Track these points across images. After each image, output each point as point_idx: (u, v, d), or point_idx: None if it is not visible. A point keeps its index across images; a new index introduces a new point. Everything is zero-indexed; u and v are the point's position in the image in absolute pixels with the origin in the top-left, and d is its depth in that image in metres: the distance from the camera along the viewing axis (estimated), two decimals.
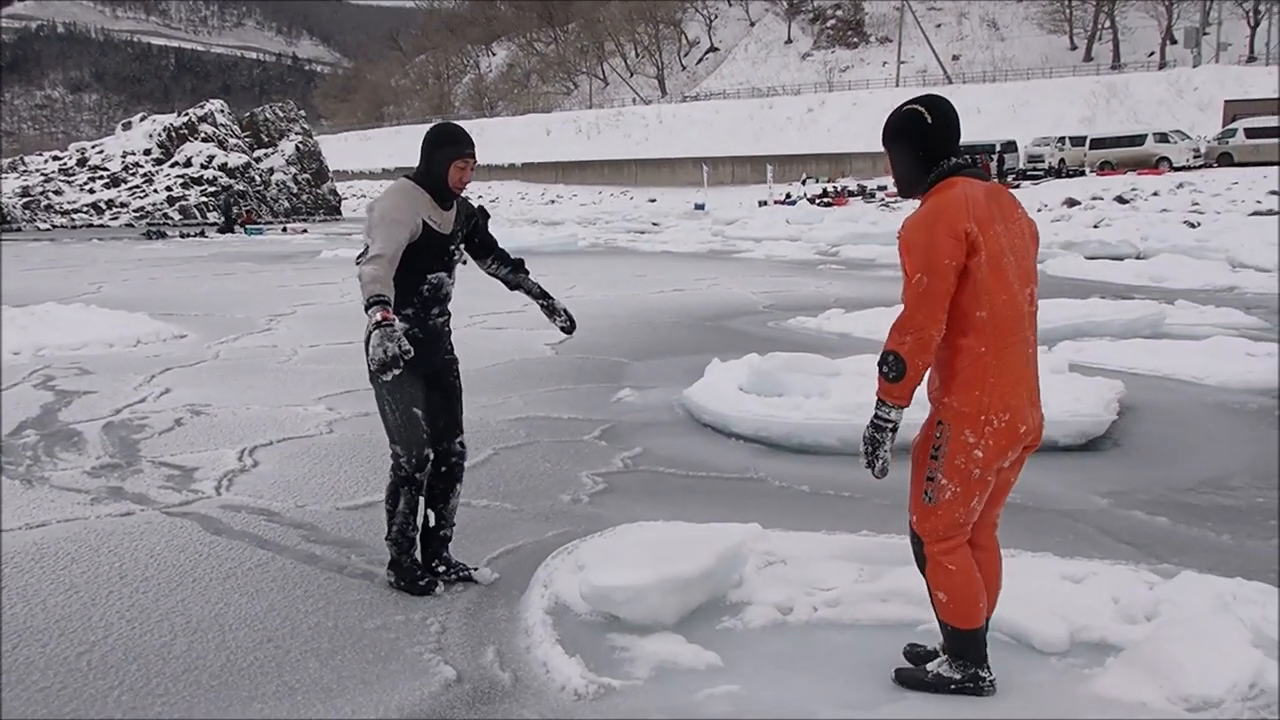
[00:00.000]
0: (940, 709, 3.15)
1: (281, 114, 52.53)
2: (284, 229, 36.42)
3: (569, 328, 4.33)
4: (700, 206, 45.72)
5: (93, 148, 47.79)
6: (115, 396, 7.93)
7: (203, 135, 46.78)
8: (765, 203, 44.57)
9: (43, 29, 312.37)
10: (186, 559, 4.47)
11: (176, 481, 5.67)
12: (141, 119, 49.98)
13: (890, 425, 3.05)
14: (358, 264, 3.76)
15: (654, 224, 35.21)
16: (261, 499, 5.35)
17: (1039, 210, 29.65)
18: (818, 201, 41.85)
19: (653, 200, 56.94)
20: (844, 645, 3.64)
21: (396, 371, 3.55)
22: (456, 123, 4.13)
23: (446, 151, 3.99)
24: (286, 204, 46.83)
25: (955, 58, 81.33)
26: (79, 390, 8.17)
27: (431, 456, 4.08)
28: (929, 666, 3.31)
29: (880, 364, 3.01)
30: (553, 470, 5.90)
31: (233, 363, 9.50)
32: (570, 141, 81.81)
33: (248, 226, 37.50)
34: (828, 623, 3.79)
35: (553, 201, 62.72)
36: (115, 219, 42.63)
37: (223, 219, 37.17)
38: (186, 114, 48.25)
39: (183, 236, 33.56)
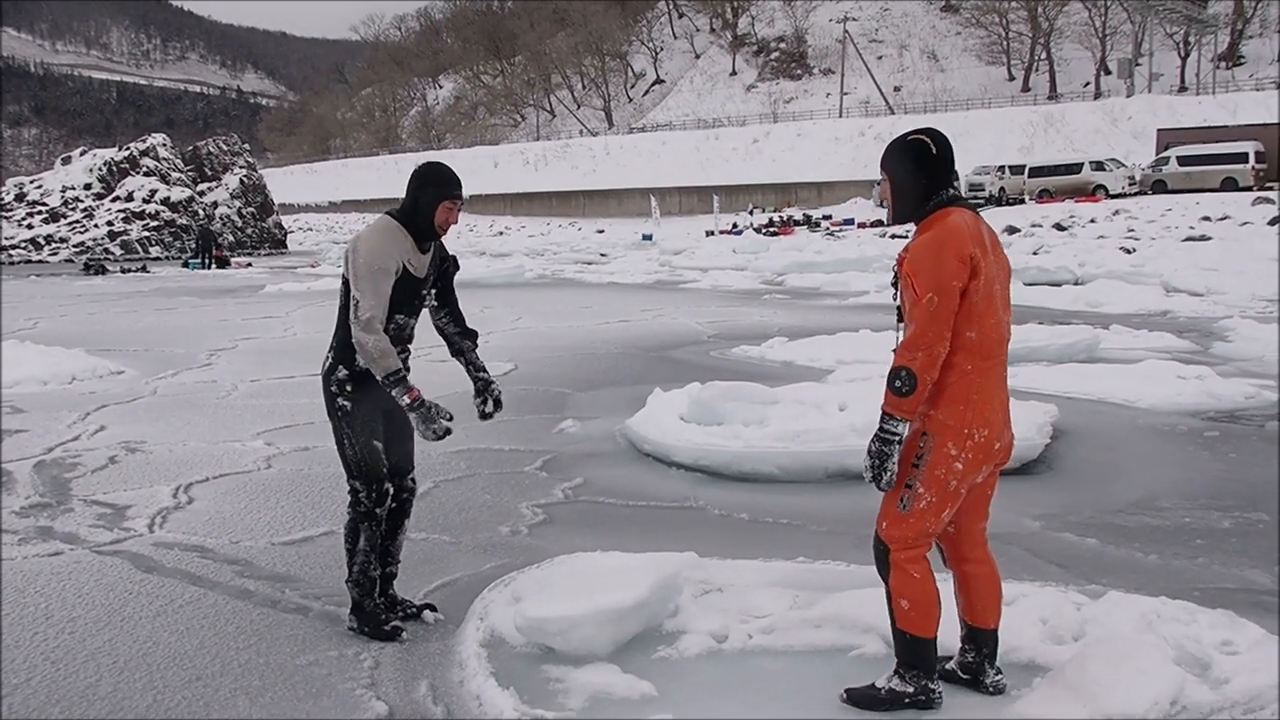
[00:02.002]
0: None
1: (226, 147, 52.05)
2: (229, 264, 35.73)
3: (488, 414, 4.15)
4: (648, 237, 45.96)
5: (31, 183, 47.01)
6: (47, 435, 7.78)
7: (145, 169, 46.21)
8: (712, 233, 44.91)
9: None
10: (115, 598, 4.40)
11: (108, 520, 5.58)
12: (82, 153, 49.27)
13: (897, 439, 3.15)
14: (355, 319, 3.79)
15: (602, 255, 35.33)
16: (195, 536, 5.28)
17: None
18: (764, 231, 42.24)
19: (600, 231, 57.13)
20: (778, 672, 3.66)
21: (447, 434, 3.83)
22: (443, 163, 4.07)
23: (435, 192, 3.89)
24: (231, 238, 46.32)
25: (897, 89, 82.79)
26: (10, 429, 8.01)
27: (390, 491, 4.04)
28: (878, 683, 3.34)
29: (892, 379, 3.11)
30: (492, 502, 5.88)
31: (170, 399, 9.37)
32: (518, 173, 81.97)
33: (194, 261, 36.93)
34: (762, 650, 3.81)
35: (501, 233, 62.71)
36: (55, 254, 41.93)
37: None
38: (128, 148, 47.65)
39: (124, 272, 33.06)
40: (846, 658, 3.72)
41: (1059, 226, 32.21)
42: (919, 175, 3.25)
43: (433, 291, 4.14)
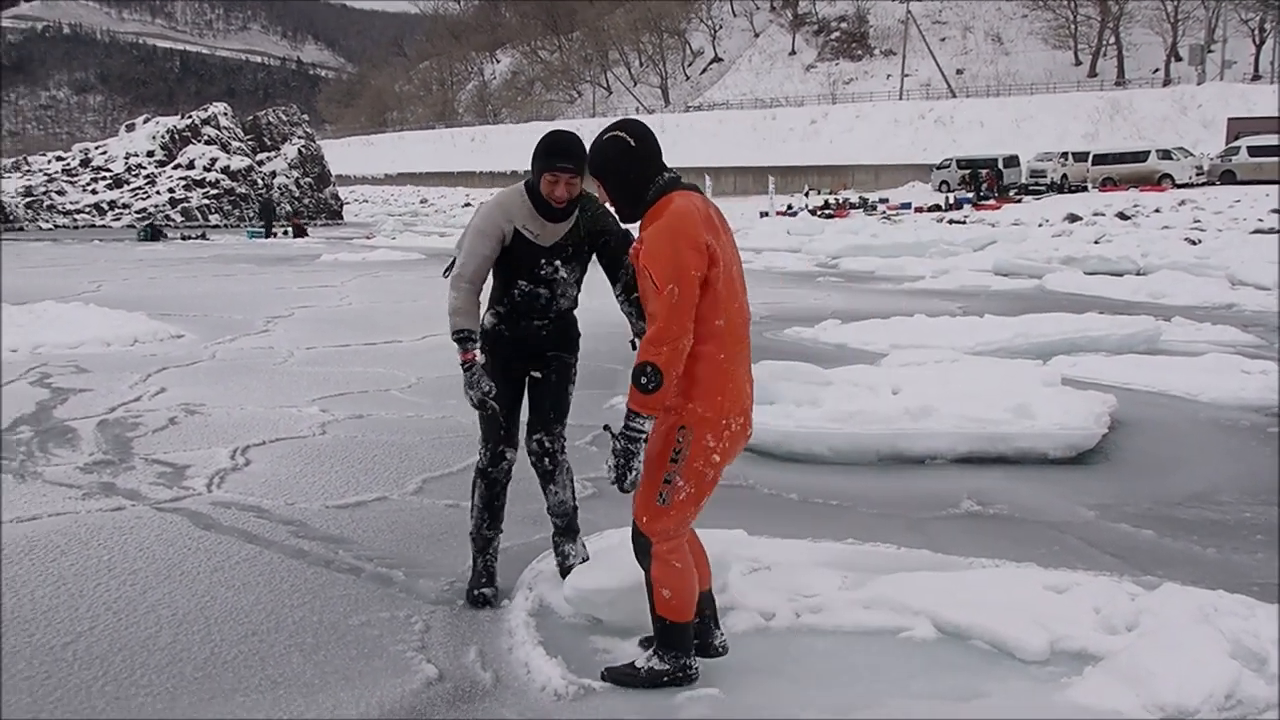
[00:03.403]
0: (916, 712, 3.17)
1: (285, 118, 52.65)
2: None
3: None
4: None
5: (96, 149, 47.91)
6: (111, 395, 7.95)
7: (206, 138, 46.90)
8: (767, 214, 44.63)
9: (48, 30, 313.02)
10: (175, 553, 4.49)
11: (168, 478, 5.69)
12: (145, 121, 50.14)
13: (643, 437, 3.10)
14: (445, 275, 3.86)
15: None
16: (252, 496, 5.38)
17: (1040, 226, 29.68)
18: (819, 213, 41.90)
19: None
20: (825, 651, 3.65)
21: (493, 407, 3.89)
22: (562, 131, 3.86)
23: (539, 164, 3.78)
24: (288, 207, 46.86)
25: (959, 71, 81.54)
26: (75, 388, 8.19)
27: (507, 454, 4.05)
28: (637, 663, 3.36)
29: (637, 376, 3.04)
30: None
31: (229, 363, 9.52)
32: None
33: (253, 230, 37.40)
34: (810, 629, 3.81)
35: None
36: (118, 219, 42.73)
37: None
38: (190, 116, 48.39)
39: (183, 238, 33.58)
40: (895, 639, 3.71)
41: (1122, 215, 31.59)
42: (628, 170, 3.22)
43: (572, 266, 3.94)
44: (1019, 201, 40.28)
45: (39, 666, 3.41)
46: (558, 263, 3.91)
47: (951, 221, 32.83)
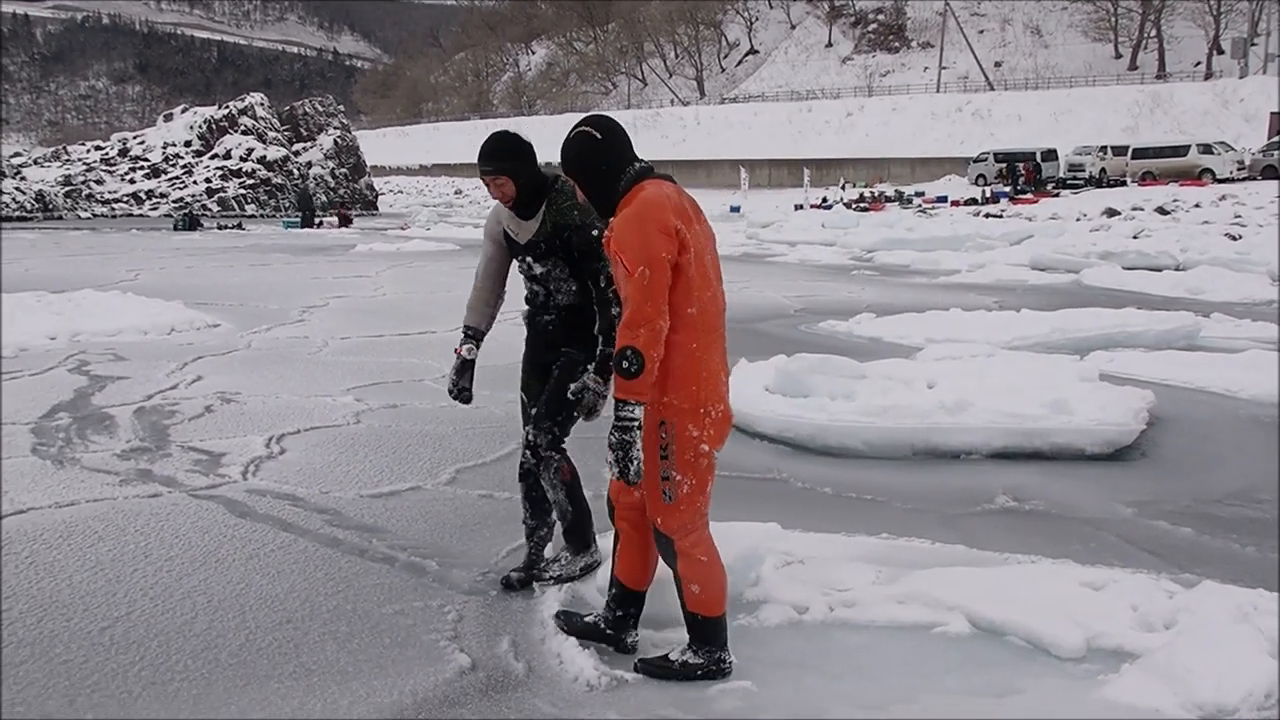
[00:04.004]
0: (950, 708, 3.14)
1: (321, 108, 52.97)
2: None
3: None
4: (735, 209, 45.66)
5: (134, 138, 48.44)
6: (148, 382, 8.03)
7: (243, 128, 47.27)
8: (801, 206, 44.44)
9: (88, 20, 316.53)
10: (210, 540, 4.53)
11: (204, 466, 5.74)
12: (183, 111, 50.61)
13: (636, 424, 3.07)
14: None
15: None
16: (287, 485, 5.41)
17: (1078, 220, 29.37)
18: (854, 206, 41.68)
19: None
20: (859, 646, 3.63)
21: (462, 404, 4.12)
22: (495, 134, 3.86)
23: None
24: (324, 198, 47.18)
25: (997, 64, 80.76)
26: (112, 375, 8.29)
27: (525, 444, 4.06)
28: (672, 656, 3.35)
29: (619, 362, 3.01)
30: (576, 465, 5.90)
31: (264, 352, 9.60)
32: None
33: (288, 220, 37.69)
34: (843, 623, 3.79)
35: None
36: (155, 209, 43.16)
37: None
38: (227, 107, 48.78)
39: (220, 228, 33.87)
40: (929, 634, 3.68)
41: (1161, 210, 31.19)
42: (598, 164, 3.24)
43: (549, 261, 3.89)
44: (1057, 195, 39.88)
45: (76, 651, 3.45)
46: (529, 259, 3.95)
47: (988, 215, 32.56)
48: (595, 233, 3.73)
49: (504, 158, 3.76)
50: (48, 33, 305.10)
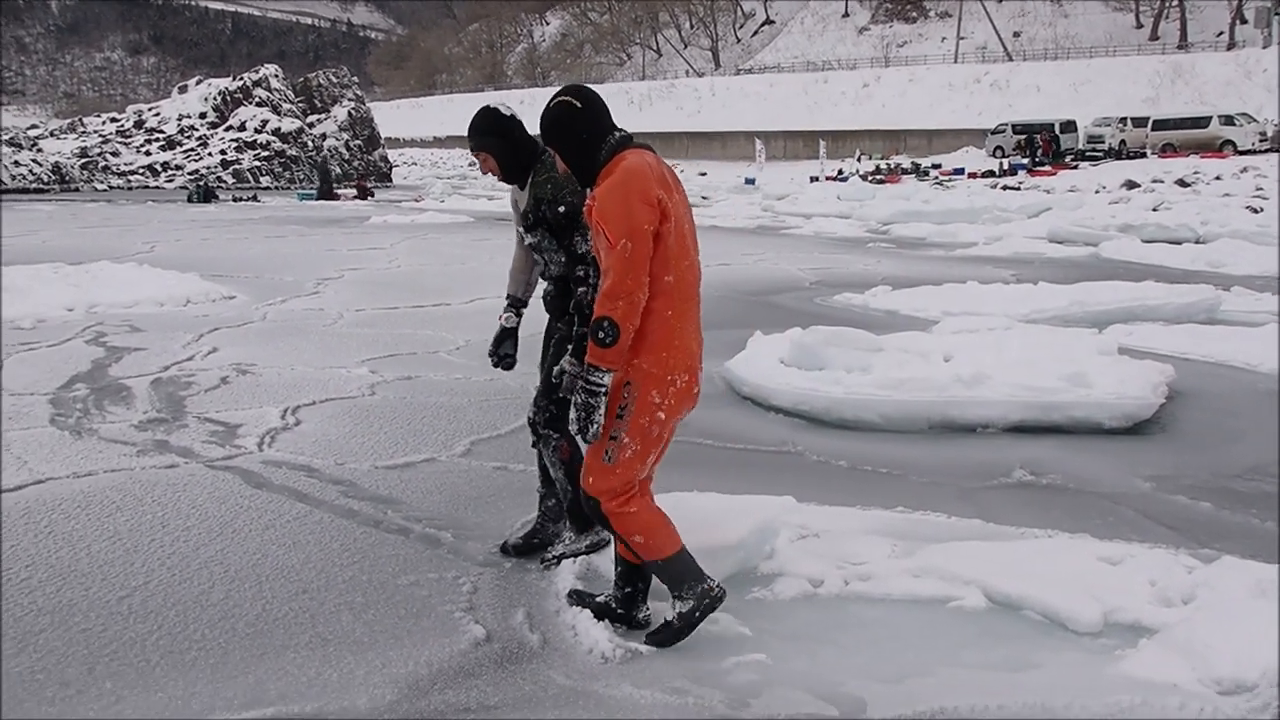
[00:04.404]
0: (966, 681, 3.13)
1: (335, 80, 52.90)
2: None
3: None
4: (750, 181, 45.45)
5: (149, 110, 48.47)
6: (164, 354, 8.06)
7: (257, 100, 47.24)
8: (817, 178, 44.21)
9: None
10: (227, 510, 4.55)
11: (220, 437, 5.76)
12: (197, 83, 50.57)
13: (603, 389, 3.12)
14: None
15: (704, 198, 35.02)
16: (302, 456, 5.43)
17: (1097, 192, 29.12)
18: (870, 178, 41.42)
19: (703, 174, 56.65)
20: (874, 619, 3.62)
21: (504, 370, 4.14)
22: (482, 108, 3.90)
23: None
24: (338, 170, 47.16)
25: (1016, 34, 79.92)
26: (129, 347, 8.31)
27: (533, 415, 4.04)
28: (668, 617, 3.35)
29: (595, 330, 3.07)
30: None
31: (279, 324, 9.61)
32: (622, 113, 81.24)
33: (302, 192, 37.67)
34: (858, 596, 3.78)
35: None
36: (170, 181, 43.22)
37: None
38: (242, 78, 48.74)
39: (235, 200, 33.89)
40: (945, 608, 3.67)
41: (1182, 183, 30.88)
42: (578, 133, 3.25)
43: (536, 233, 3.91)
44: (1075, 168, 39.53)
45: (95, 620, 3.47)
46: (521, 229, 4.00)
47: (1006, 188, 32.29)
48: (562, 209, 3.77)
49: (484, 133, 3.82)
50: (63, 5, 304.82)
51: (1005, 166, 42.00)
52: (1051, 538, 4.35)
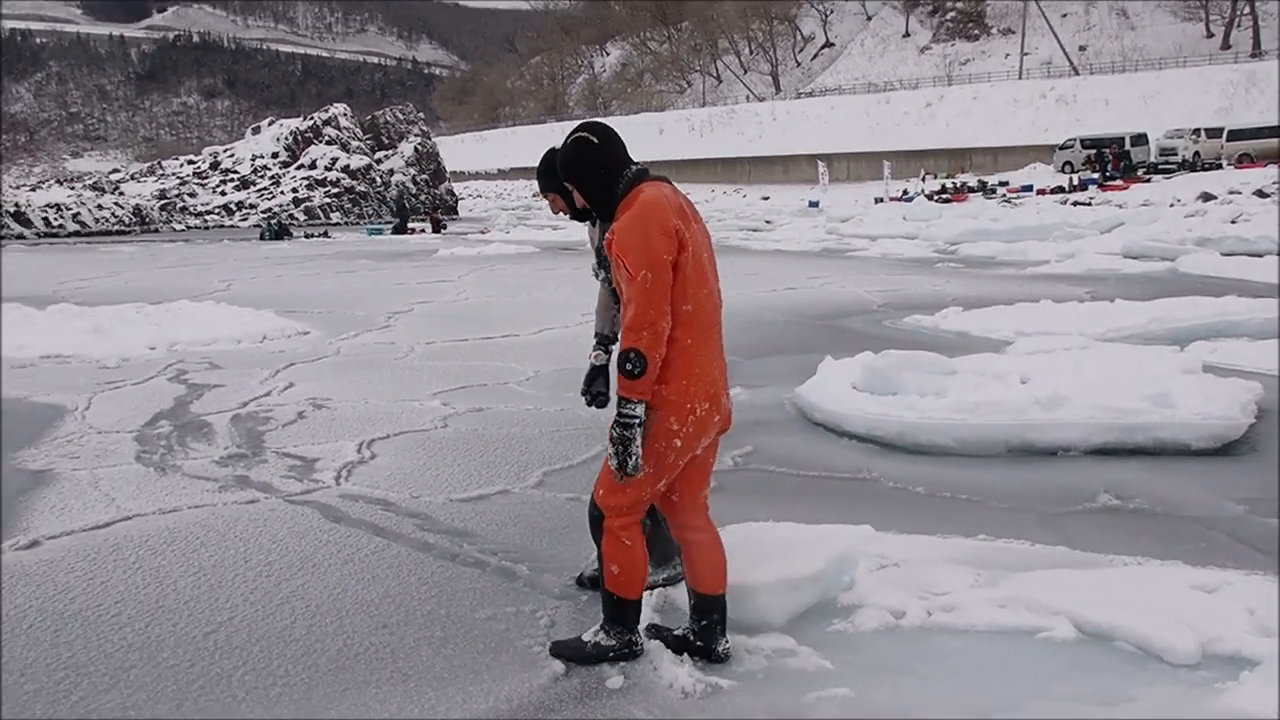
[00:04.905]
0: (1056, 716, 3.04)
1: (401, 116, 53.83)
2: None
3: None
4: (814, 204, 45.28)
5: (224, 151, 49.72)
6: (242, 390, 8.21)
7: (327, 138, 48.23)
8: (881, 199, 43.91)
9: (179, 39, 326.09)
10: (307, 545, 4.60)
11: (298, 471, 5.84)
12: (270, 123, 51.80)
13: (637, 421, 3.15)
14: None
15: (767, 222, 34.98)
16: (378, 489, 5.48)
17: (1171, 206, 28.52)
18: (936, 198, 41.02)
19: (766, 198, 56.61)
20: (958, 651, 3.54)
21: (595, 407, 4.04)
22: (550, 149, 3.92)
23: None
24: (405, 204, 47.89)
25: (1082, 48, 78.84)
26: (209, 384, 8.49)
27: None
28: (585, 636, 3.46)
29: (622, 363, 3.11)
30: None
31: (352, 359, 9.75)
32: (683, 140, 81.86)
33: (371, 227, 38.29)
34: (941, 628, 3.70)
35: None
36: (245, 219, 44.23)
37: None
38: (312, 118, 49.82)
39: (307, 236, 34.57)
40: (1033, 640, 3.57)
41: (1260, 193, 30.14)
42: (596, 169, 3.32)
43: (603, 269, 3.98)
44: (1148, 181, 38.81)
45: (182, 655, 3.53)
46: (595, 265, 4.05)
47: (1076, 203, 31.80)
48: None
49: (550, 174, 3.87)
50: (142, 53, 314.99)
51: (1075, 182, 41.35)
52: (1141, 565, 4.23)
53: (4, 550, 4.57)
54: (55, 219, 37.74)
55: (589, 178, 3.34)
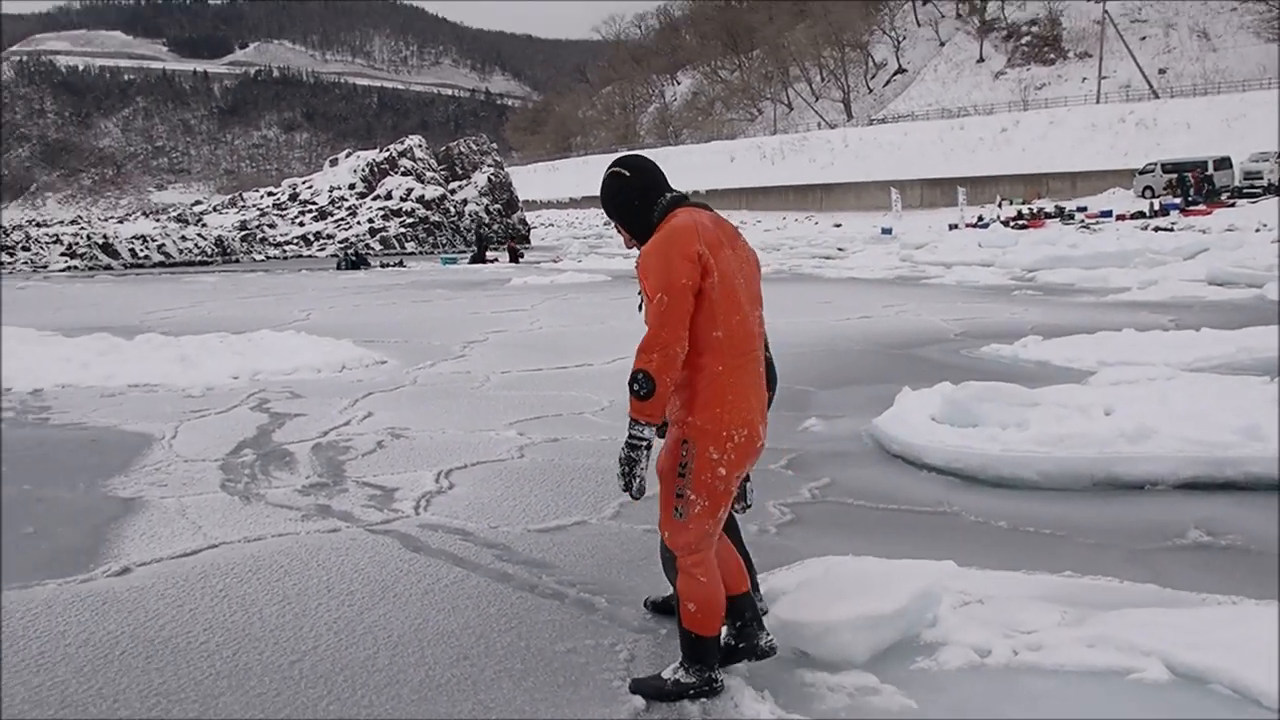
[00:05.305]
0: None
1: (475, 147, 54.59)
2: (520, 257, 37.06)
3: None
4: (887, 231, 44.92)
5: (303, 183, 50.84)
6: (323, 419, 8.36)
7: (402, 169, 49.08)
8: (956, 226, 43.41)
9: (260, 74, 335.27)
10: (388, 574, 4.66)
11: (378, 501, 5.93)
12: (347, 155, 52.89)
13: (645, 444, 3.19)
14: None
15: (839, 249, 34.78)
16: (457, 519, 5.53)
17: (1257, 230, 27.79)
18: (1012, 224, 40.45)
19: (838, 225, 56.28)
20: (1046, 692, 3.46)
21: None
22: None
23: None
24: (476, 233, 48.49)
25: (1162, 71, 77.42)
26: (290, 413, 8.66)
27: None
28: (664, 674, 3.43)
29: (630, 384, 3.14)
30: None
31: (429, 388, 9.87)
32: (755, 167, 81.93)
33: (446, 257, 38.84)
34: (1028, 667, 3.61)
35: (737, 227, 62.68)
36: (322, 250, 45.12)
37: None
38: (388, 149, 50.75)
39: (383, 266, 35.16)
40: (1123, 681, 3.48)
41: None
42: (631, 201, 3.40)
43: None
44: (1232, 205, 37.87)
45: (269, 684, 3.58)
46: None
47: (1158, 229, 31.15)
48: None
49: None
50: (224, 87, 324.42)
51: (1156, 207, 40.52)
52: (1236, 604, 4.10)
53: (96, 576, 4.70)
54: (141, 250, 38.91)
55: (625, 210, 3.43)
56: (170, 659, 3.80)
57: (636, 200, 3.40)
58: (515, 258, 36.50)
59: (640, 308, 3.38)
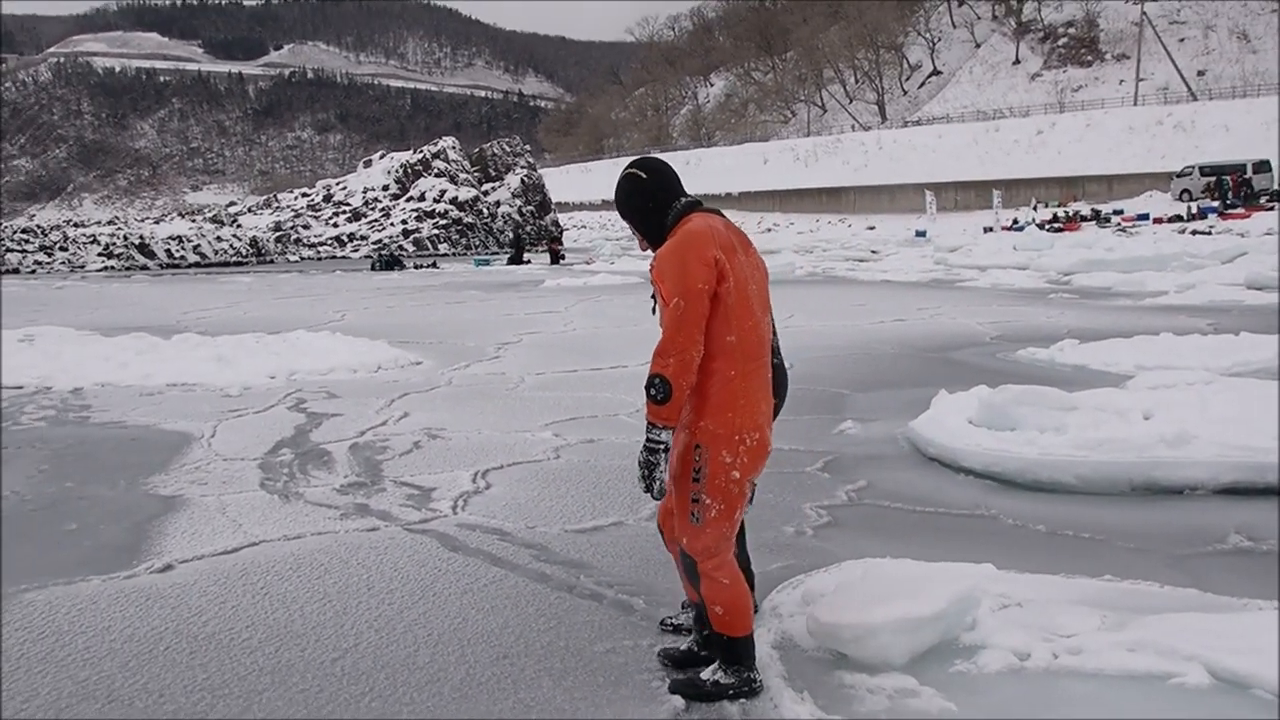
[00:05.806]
0: None
1: (508, 149, 54.85)
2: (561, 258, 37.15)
3: None
4: (921, 234, 44.68)
5: (337, 184, 51.28)
6: (360, 419, 8.43)
7: (436, 171, 49.40)
8: (991, 229, 43.14)
9: (294, 75, 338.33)
10: (427, 573, 4.70)
11: (416, 500, 5.98)
12: (381, 157, 53.32)
13: (663, 447, 3.21)
14: None
15: (873, 252, 34.65)
16: (494, 519, 5.57)
17: None
18: (1048, 227, 40.15)
19: (871, 228, 56.09)
20: (1086, 696, 3.44)
21: None
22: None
23: None
24: (511, 235, 48.73)
25: (1200, 73, 76.57)
26: (328, 413, 8.74)
27: None
28: (703, 675, 3.44)
29: (647, 388, 3.18)
30: (775, 501, 5.87)
31: (464, 389, 9.94)
32: (787, 169, 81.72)
33: (479, 259, 39.00)
34: (1069, 671, 3.60)
35: (769, 230, 62.70)
36: (356, 251, 45.49)
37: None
38: (421, 151, 51.12)
39: (416, 267, 35.39)
40: (1164, 685, 3.45)
41: None
42: (645, 203, 3.42)
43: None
44: (1271, 209, 37.36)
45: (311, 681, 3.63)
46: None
47: (1195, 232, 30.82)
48: None
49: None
50: (259, 89, 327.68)
51: (1194, 210, 40.07)
52: (1277, 609, 4.06)
53: (139, 573, 4.78)
54: (177, 251, 39.40)
55: (639, 212, 3.46)
56: (214, 655, 3.86)
57: (651, 203, 3.43)
58: (556, 259, 36.61)
59: (654, 310, 3.42)
